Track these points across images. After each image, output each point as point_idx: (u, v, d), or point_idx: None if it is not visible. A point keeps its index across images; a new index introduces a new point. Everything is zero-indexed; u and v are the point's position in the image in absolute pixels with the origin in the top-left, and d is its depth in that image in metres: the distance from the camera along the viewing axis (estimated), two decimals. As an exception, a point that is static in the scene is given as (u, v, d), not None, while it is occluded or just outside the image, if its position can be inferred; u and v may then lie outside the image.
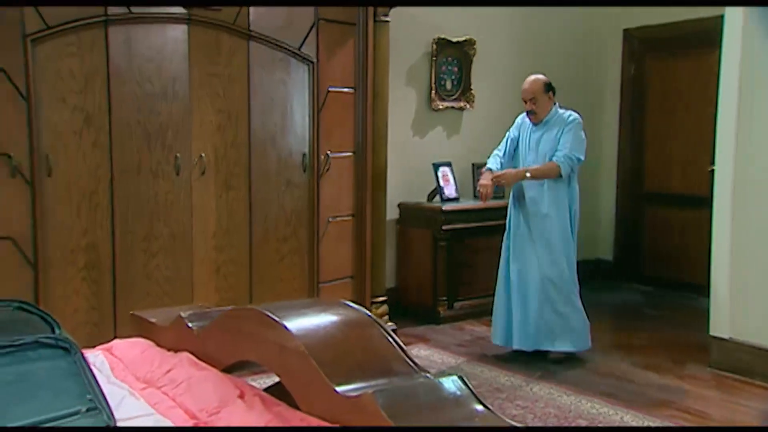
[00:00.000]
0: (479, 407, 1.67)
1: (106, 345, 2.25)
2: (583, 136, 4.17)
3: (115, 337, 2.67)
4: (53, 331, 1.89)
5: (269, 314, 1.85)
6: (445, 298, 5.07)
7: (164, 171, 3.74)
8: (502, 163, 4.30)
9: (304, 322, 1.86)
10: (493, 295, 4.37)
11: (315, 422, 1.68)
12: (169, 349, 2.19)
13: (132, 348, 2.21)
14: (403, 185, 5.21)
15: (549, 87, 4.17)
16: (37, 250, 3.41)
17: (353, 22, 4.36)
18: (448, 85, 5.40)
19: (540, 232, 4.15)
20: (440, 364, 4.21)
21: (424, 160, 5.23)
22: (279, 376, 1.85)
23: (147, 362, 2.09)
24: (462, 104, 5.45)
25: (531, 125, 4.25)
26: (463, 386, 1.72)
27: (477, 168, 5.39)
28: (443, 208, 4.99)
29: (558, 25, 5.99)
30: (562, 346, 4.23)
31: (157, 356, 2.12)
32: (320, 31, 4.21)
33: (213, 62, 3.87)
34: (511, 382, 3.94)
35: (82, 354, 1.84)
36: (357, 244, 4.51)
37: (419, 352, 4.42)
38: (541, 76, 4.20)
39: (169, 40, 3.72)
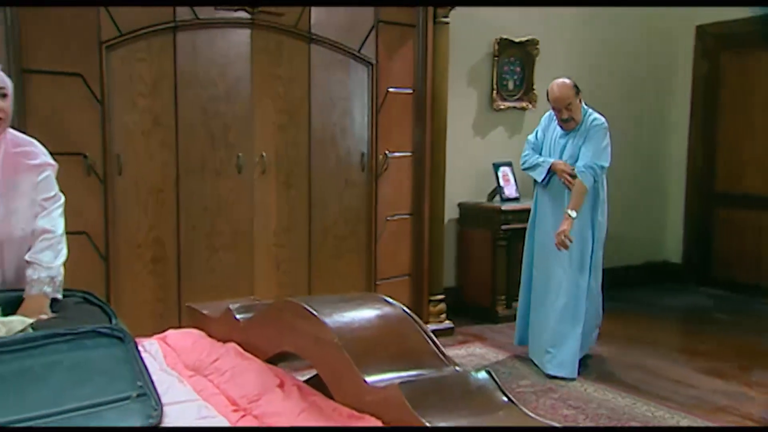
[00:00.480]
0: (505, 400, 1.72)
1: (161, 334, 2.39)
2: (607, 140, 3.94)
3: (180, 328, 2.82)
4: (110, 321, 2.03)
5: (307, 307, 1.94)
6: (503, 298, 5.08)
7: (227, 170, 3.89)
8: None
9: (339, 316, 1.94)
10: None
11: (346, 412, 1.76)
12: (218, 340, 2.31)
13: (184, 338, 2.34)
14: (463, 185, 5.24)
15: (578, 89, 3.95)
16: (108, 244, 3.61)
17: (413, 23, 4.43)
18: (510, 86, 5.40)
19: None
20: (493, 363, 4.22)
21: (485, 160, 5.26)
22: (315, 366, 1.94)
23: (197, 351, 2.22)
24: (524, 104, 5.44)
25: (559, 131, 4.05)
26: (490, 380, 1.77)
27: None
28: (502, 207, 5.00)
29: (625, 23, 5.90)
30: (550, 368, 4.01)
31: (206, 346, 2.25)
32: (380, 33, 4.29)
33: (275, 64, 4.00)
34: (566, 383, 3.93)
35: (135, 343, 1.97)
36: (415, 243, 4.58)
37: (474, 351, 4.45)
38: (567, 80, 3.95)
39: (232, 44, 3.87)
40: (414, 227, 4.58)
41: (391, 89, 4.37)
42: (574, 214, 3.86)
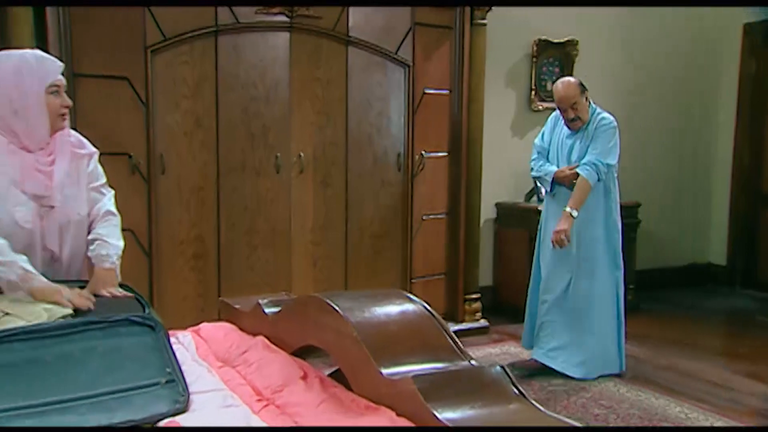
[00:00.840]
0: (519, 397, 1.76)
1: (195, 327, 2.50)
2: (616, 140, 3.83)
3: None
4: (144, 312, 2.14)
5: (328, 302, 2.02)
6: (541, 298, 5.09)
7: (266, 169, 4.00)
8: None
9: (360, 311, 2.01)
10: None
11: (363, 403, 1.83)
12: (248, 333, 2.41)
13: (216, 330, 2.45)
14: (501, 185, 5.27)
15: (584, 87, 3.86)
16: (152, 241, 3.76)
17: (449, 26, 4.48)
18: (549, 86, 5.39)
19: (573, 244, 3.89)
20: (526, 361, 4.24)
21: (523, 160, 5.22)
22: (335, 359, 2.02)
23: (227, 344, 2.32)
24: (563, 104, 5.43)
25: (566, 131, 3.95)
26: (504, 374, 1.82)
27: (577, 168, 5.38)
28: (539, 208, 4.98)
29: (667, 23, 5.84)
30: (565, 368, 3.94)
31: (236, 339, 2.35)
32: (416, 35, 4.35)
33: (313, 67, 4.10)
34: (599, 382, 3.93)
35: (165, 332, 2.08)
36: (450, 242, 4.64)
37: (509, 349, 4.48)
38: (572, 79, 3.91)
39: (272, 47, 3.99)
40: (450, 226, 4.64)
41: (427, 90, 4.43)
42: (575, 213, 3.77)
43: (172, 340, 2.32)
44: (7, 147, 2.23)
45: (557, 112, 3.99)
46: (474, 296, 4.72)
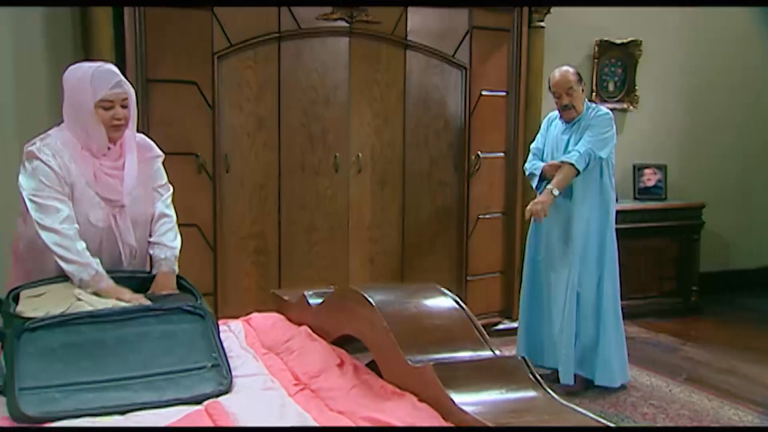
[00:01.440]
0: (536, 386, 1.86)
1: (246, 317, 2.68)
2: (610, 132, 3.68)
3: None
4: (196, 301, 2.33)
5: (363, 294, 2.16)
6: (598, 298, 5.09)
7: (325, 169, 4.17)
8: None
9: (392, 303, 2.16)
10: (645, 297, 4.32)
11: (390, 389, 1.97)
12: (294, 323, 2.57)
13: (265, 320, 2.62)
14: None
15: (581, 77, 3.75)
16: (216, 236, 3.98)
17: (507, 28, 4.55)
18: (611, 87, 5.39)
19: (571, 239, 3.73)
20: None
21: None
22: (368, 347, 2.15)
23: (274, 332, 2.49)
24: (625, 105, 5.41)
25: (560, 127, 3.81)
26: (523, 363, 1.92)
27: (638, 169, 5.37)
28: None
29: (736, 21, 5.71)
30: (587, 374, 3.78)
31: (282, 328, 2.52)
32: (474, 38, 4.43)
33: (372, 70, 4.24)
34: (651, 382, 3.94)
35: (214, 321, 2.27)
36: (506, 241, 4.70)
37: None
38: (570, 67, 3.79)
39: (332, 51, 4.15)
40: (506, 226, 4.70)
41: (484, 92, 4.51)
42: (556, 192, 3.61)
43: (224, 328, 2.53)
44: (81, 152, 2.43)
45: (550, 115, 3.94)
46: (530, 295, 4.76)
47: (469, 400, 1.75)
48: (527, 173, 4.00)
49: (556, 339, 3.77)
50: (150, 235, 2.62)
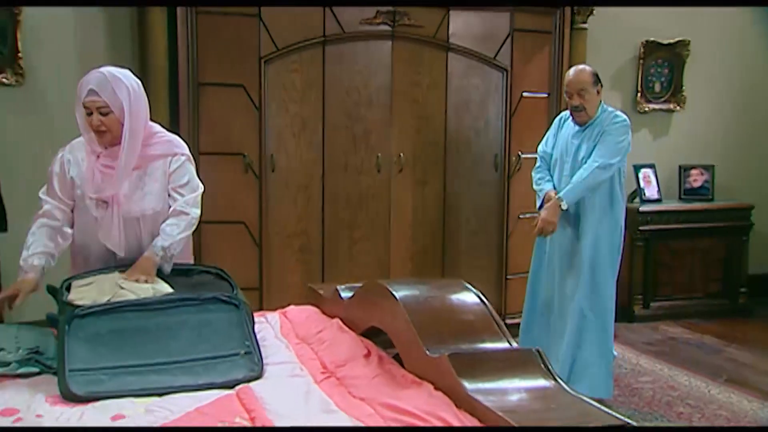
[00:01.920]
0: (547, 376, 1.93)
1: (282, 309, 2.82)
2: (626, 141, 3.54)
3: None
4: (232, 292, 2.47)
5: (388, 288, 2.26)
6: (640, 297, 5.09)
7: (367, 168, 4.29)
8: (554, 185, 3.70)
9: (416, 297, 2.26)
10: (690, 298, 4.29)
11: (411, 378, 2.07)
12: (328, 315, 2.69)
13: (300, 312, 2.75)
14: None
15: (598, 79, 3.55)
16: (262, 233, 4.14)
17: (549, 30, 4.59)
18: (657, 87, 5.36)
19: (581, 252, 3.57)
20: (618, 359, 4.26)
21: (627, 162, 5.25)
22: (392, 339, 2.26)
23: (307, 324, 2.62)
24: (671, 106, 5.38)
25: (572, 129, 3.64)
26: (537, 355, 1.99)
27: (684, 170, 5.34)
28: (641, 209, 5.03)
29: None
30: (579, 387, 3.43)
31: (315, 320, 2.64)
32: (515, 40, 4.49)
33: (414, 72, 4.34)
34: (690, 383, 3.93)
35: (249, 311, 2.40)
36: (547, 241, 4.73)
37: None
38: (588, 67, 3.61)
39: (375, 55, 4.27)
40: (547, 226, 4.73)
41: (525, 94, 4.56)
42: (564, 206, 3.48)
43: (262, 319, 2.67)
44: (87, 149, 2.57)
45: (562, 115, 3.80)
46: (571, 295, 4.79)
47: (480, 387, 1.84)
48: (534, 186, 3.80)
49: (560, 358, 3.57)
50: None
